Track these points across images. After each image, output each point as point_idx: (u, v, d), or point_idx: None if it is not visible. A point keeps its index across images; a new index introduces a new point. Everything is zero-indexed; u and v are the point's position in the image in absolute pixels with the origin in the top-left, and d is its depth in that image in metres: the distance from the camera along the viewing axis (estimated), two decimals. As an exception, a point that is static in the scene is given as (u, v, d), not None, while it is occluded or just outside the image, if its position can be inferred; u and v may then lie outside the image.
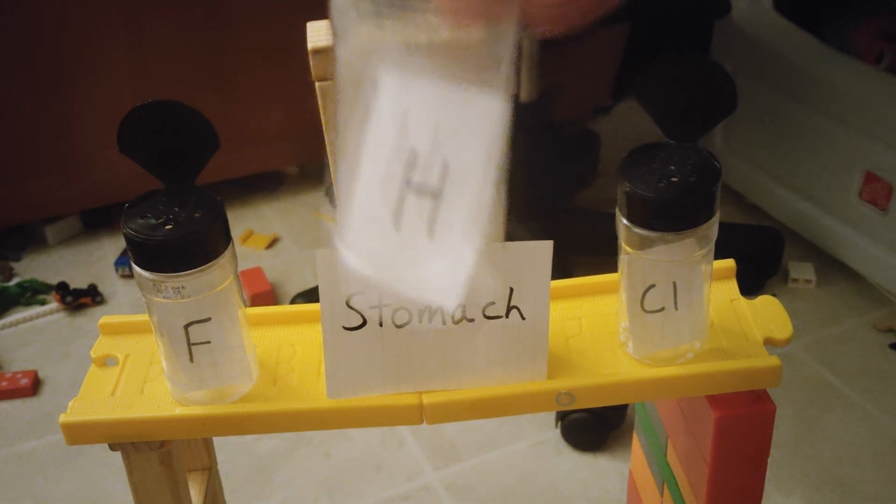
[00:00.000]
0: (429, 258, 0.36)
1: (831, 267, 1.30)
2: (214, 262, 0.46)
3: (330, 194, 1.58)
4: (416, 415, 0.50)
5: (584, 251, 1.12)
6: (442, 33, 0.33)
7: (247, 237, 1.47)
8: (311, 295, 1.29)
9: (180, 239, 0.45)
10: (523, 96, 1.20)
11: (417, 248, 0.36)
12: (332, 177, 0.42)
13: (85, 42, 1.34)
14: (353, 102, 0.36)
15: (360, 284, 0.46)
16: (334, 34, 0.35)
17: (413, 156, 0.35)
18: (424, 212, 0.35)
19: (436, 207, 0.35)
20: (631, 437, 0.70)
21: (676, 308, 0.50)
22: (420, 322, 0.48)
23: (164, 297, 0.46)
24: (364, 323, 0.48)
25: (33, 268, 1.42)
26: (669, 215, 0.47)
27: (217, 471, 0.63)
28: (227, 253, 0.47)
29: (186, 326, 0.48)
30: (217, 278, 0.47)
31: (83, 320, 1.30)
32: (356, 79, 0.35)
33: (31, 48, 1.32)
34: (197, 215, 0.46)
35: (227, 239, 0.47)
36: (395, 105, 0.34)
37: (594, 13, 0.31)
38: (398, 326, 0.48)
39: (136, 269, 0.46)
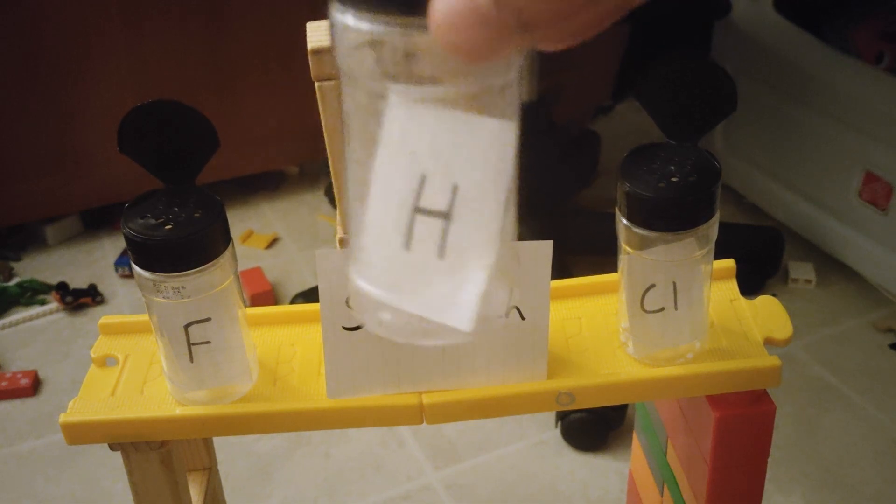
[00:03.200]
0: (441, 278, 0.36)
1: (831, 267, 1.30)
2: (214, 262, 0.46)
3: (329, 194, 1.58)
4: (416, 415, 0.50)
5: (584, 251, 1.12)
6: (441, 63, 0.34)
7: (247, 237, 1.47)
8: (310, 295, 1.29)
9: (180, 239, 0.45)
10: (524, 96, 1.20)
11: (429, 269, 0.36)
12: (333, 180, 0.42)
13: (85, 42, 1.34)
14: (357, 112, 0.36)
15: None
16: (332, 36, 0.36)
17: (422, 180, 0.35)
18: (434, 233, 0.36)
19: (446, 229, 0.35)
20: (631, 437, 0.70)
21: (676, 308, 0.50)
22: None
23: (163, 297, 0.46)
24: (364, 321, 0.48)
25: (33, 268, 1.42)
26: (669, 215, 0.47)
27: (217, 471, 0.63)
28: (227, 253, 0.47)
29: (186, 326, 0.48)
30: (217, 278, 0.47)
31: (83, 320, 1.30)
32: (358, 82, 0.35)
33: (32, 49, 1.32)
34: (197, 215, 0.46)
35: (226, 239, 0.47)
36: (403, 132, 0.34)
37: (595, 28, 0.31)
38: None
39: (136, 269, 0.46)
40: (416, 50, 0.32)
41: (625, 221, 0.48)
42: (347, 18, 0.32)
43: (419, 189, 0.35)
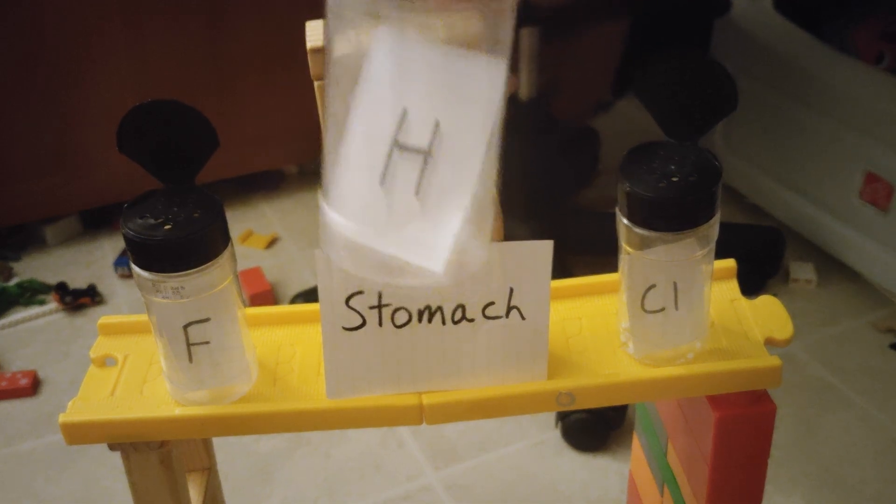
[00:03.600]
0: (414, 217, 0.35)
1: (831, 267, 1.30)
2: (214, 262, 0.46)
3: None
4: (415, 415, 0.50)
5: (584, 251, 1.12)
6: (438, 25, 0.33)
7: (246, 237, 1.47)
8: (310, 295, 1.28)
9: (179, 239, 0.45)
10: (523, 93, 1.20)
11: (403, 207, 0.35)
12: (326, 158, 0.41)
13: (85, 42, 1.34)
14: (344, 74, 0.35)
15: (360, 284, 0.46)
16: (327, 35, 0.35)
17: (404, 114, 0.34)
18: (412, 170, 0.35)
19: (424, 167, 0.34)
20: (631, 437, 0.70)
21: (677, 308, 0.49)
22: (420, 322, 0.48)
23: (163, 298, 0.46)
24: (364, 323, 0.48)
25: (33, 268, 1.42)
26: (670, 215, 0.47)
27: (217, 471, 0.63)
28: (227, 253, 0.47)
29: (186, 327, 0.47)
30: (216, 278, 0.47)
31: (82, 320, 1.30)
32: (349, 74, 0.35)
33: (32, 49, 1.32)
34: (196, 215, 0.46)
35: (226, 239, 0.47)
36: (388, 61, 0.34)
37: None
38: (398, 326, 0.48)
39: (136, 269, 0.46)
40: None
41: (625, 221, 0.48)
42: None
43: (400, 123, 0.34)
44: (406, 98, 0.34)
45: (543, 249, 0.47)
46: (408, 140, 0.34)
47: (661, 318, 0.50)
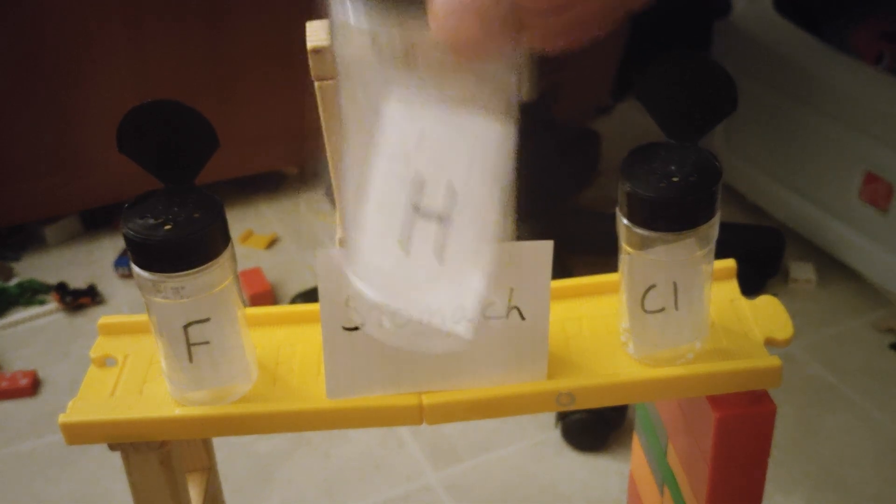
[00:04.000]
0: (439, 282, 0.36)
1: (831, 267, 1.30)
2: (214, 262, 0.46)
3: (329, 194, 1.58)
4: (415, 415, 0.50)
5: (584, 251, 1.11)
6: (439, 63, 0.33)
7: (246, 237, 1.47)
8: (310, 295, 1.28)
9: (180, 239, 0.45)
10: (523, 95, 1.20)
11: (428, 273, 0.36)
12: (332, 179, 0.42)
13: (85, 42, 1.34)
14: (356, 112, 0.36)
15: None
16: (332, 34, 0.35)
17: (419, 181, 0.35)
18: (433, 236, 0.35)
19: (443, 232, 0.35)
20: (631, 437, 0.70)
21: (677, 308, 0.49)
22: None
23: (163, 298, 0.46)
24: (364, 323, 0.48)
25: (33, 268, 1.42)
26: (670, 215, 0.47)
27: (217, 471, 0.63)
28: (227, 253, 0.47)
29: (186, 327, 0.47)
30: (216, 278, 0.47)
31: (82, 320, 1.30)
32: (358, 82, 0.35)
33: (32, 49, 1.32)
34: (196, 215, 0.46)
35: (226, 239, 0.47)
36: (399, 132, 0.34)
37: (596, 26, 0.31)
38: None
39: (136, 269, 0.46)
40: (415, 45, 0.32)
41: (625, 221, 0.48)
42: (348, 15, 0.32)
43: (417, 191, 0.35)
44: (421, 167, 0.35)
45: (543, 249, 0.47)
46: (426, 207, 0.35)
47: (661, 318, 0.50)
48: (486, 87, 0.34)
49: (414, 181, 0.35)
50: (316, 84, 0.46)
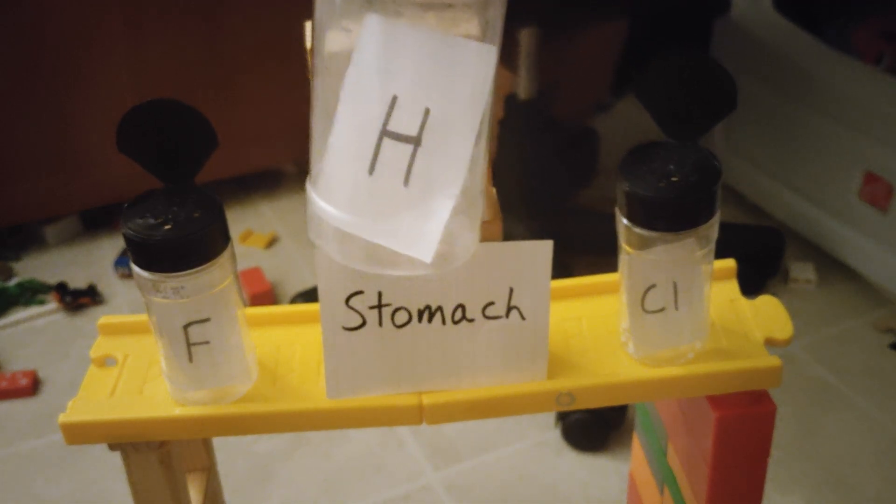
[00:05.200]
0: (403, 207, 0.35)
1: (831, 267, 1.30)
2: (213, 261, 0.46)
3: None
4: (415, 415, 0.50)
5: (584, 251, 1.11)
6: (429, 13, 0.33)
7: (246, 237, 1.47)
8: (310, 295, 1.28)
9: (179, 239, 0.45)
10: (523, 94, 1.20)
11: (392, 196, 0.35)
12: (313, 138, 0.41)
13: (85, 42, 1.34)
14: (332, 64, 0.35)
15: (360, 284, 0.46)
16: (316, 25, 0.35)
17: (394, 101, 0.34)
18: (401, 158, 0.34)
19: (413, 155, 0.34)
20: (631, 437, 0.70)
21: (677, 308, 0.49)
22: (420, 322, 0.48)
23: (163, 297, 0.46)
24: (364, 323, 0.48)
25: (33, 268, 1.42)
26: (670, 215, 0.47)
27: (216, 471, 0.63)
28: (227, 253, 0.47)
29: (185, 326, 0.47)
30: (216, 278, 0.47)
31: (82, 320, 1.30)
32: (338, 64, 0.34)
33: (32, 48, 1.32)
34: (196, 215, 0.46)
35: (226, 239, 0.47)
36: (378, 48, 0.33)
37: None
38: (398, 326, 0.48)
39: (136, 269, 0.46)
40: None
41: (625, 221, 0.48)
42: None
43: (389, 111, 0.34)
44: (395, 85, 0.34)
45: (543, 249, 0.47)
46: (397, 128, 0.34)
47: (661, 318, 0.50)
48: (470, 10, 0.33)
49: (387, 100, 0.34)
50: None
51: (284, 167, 1.62)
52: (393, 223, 0.35)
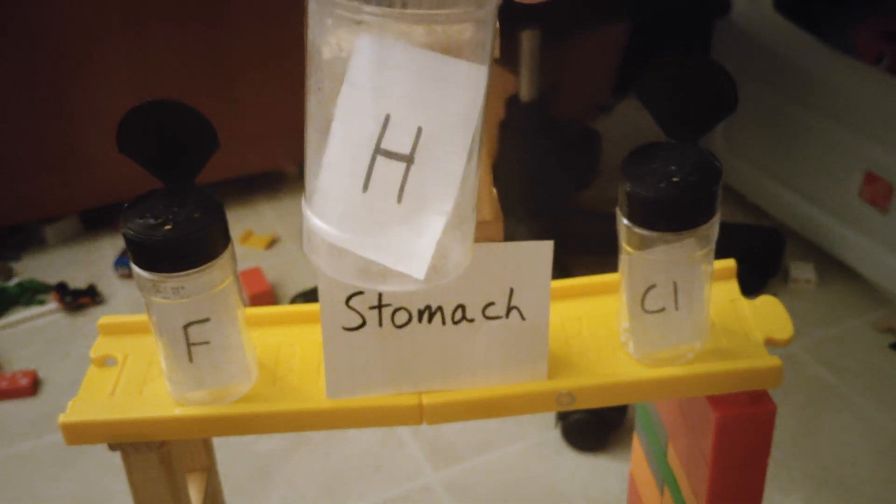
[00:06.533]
0: (396, 223, 0.35)
1: (831, 267, 1.30)
2: (214, 262, 0.46)
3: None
4: (415, 415, 0.50)
5: (584, 251, 1.12)
6: (420, 31, 0.33)
7: (246, 237, 1.47)
8: (310, 295, 1.28)
9: (179, 239, 0.45)
10: (524, 95, 1.20)
11: (385, 213, 0.35)
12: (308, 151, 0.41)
13: (86, 42, 1.34)
14: (326, 80, 0.35)
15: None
16: (309, 41, 0.35)
17: (387, 119, 0.34)
18: (394, 176, 0.35)
19: (407, 172, 0.34)
20: (631, 437, 0.70)
21: (677, 308, 0.49)
22: (420, 322, 0.48)
23: (163, 298, 0.46)
24: (364, 323, 0.48)
25: (33, 268, 1.42)
26: (670, 215, 0.47)
27: (216, 471, 0.63)
28: (227, 253, 0.47)
29: (185, 327, 0.47)
30: (216, 278, 0.47)
31: (82, 320, 1.30)
32: (332, 79, 0.35)
33: (32, 49, 1.32)
34: (196, 215, 0.46)
35: (226, 239, 0.47)
36: (371, 67, 0.33)
37: None
38: (398, 326, 0.48)
39: (136, 269, 0.46)
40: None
41: (625, 221, 0.48)
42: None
43: (382, 129, 0.34)
44: (388, 104, 0.34)
45: (543, 249, 0.47)
46: (390, 146, 0.34)
47: (661, 318, 0.50)
48: (462, 28, 0.34)
49: (381, 119, 0.34)
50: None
51: (286, 169, 1.62)
52: (385, 239, 0.36)
